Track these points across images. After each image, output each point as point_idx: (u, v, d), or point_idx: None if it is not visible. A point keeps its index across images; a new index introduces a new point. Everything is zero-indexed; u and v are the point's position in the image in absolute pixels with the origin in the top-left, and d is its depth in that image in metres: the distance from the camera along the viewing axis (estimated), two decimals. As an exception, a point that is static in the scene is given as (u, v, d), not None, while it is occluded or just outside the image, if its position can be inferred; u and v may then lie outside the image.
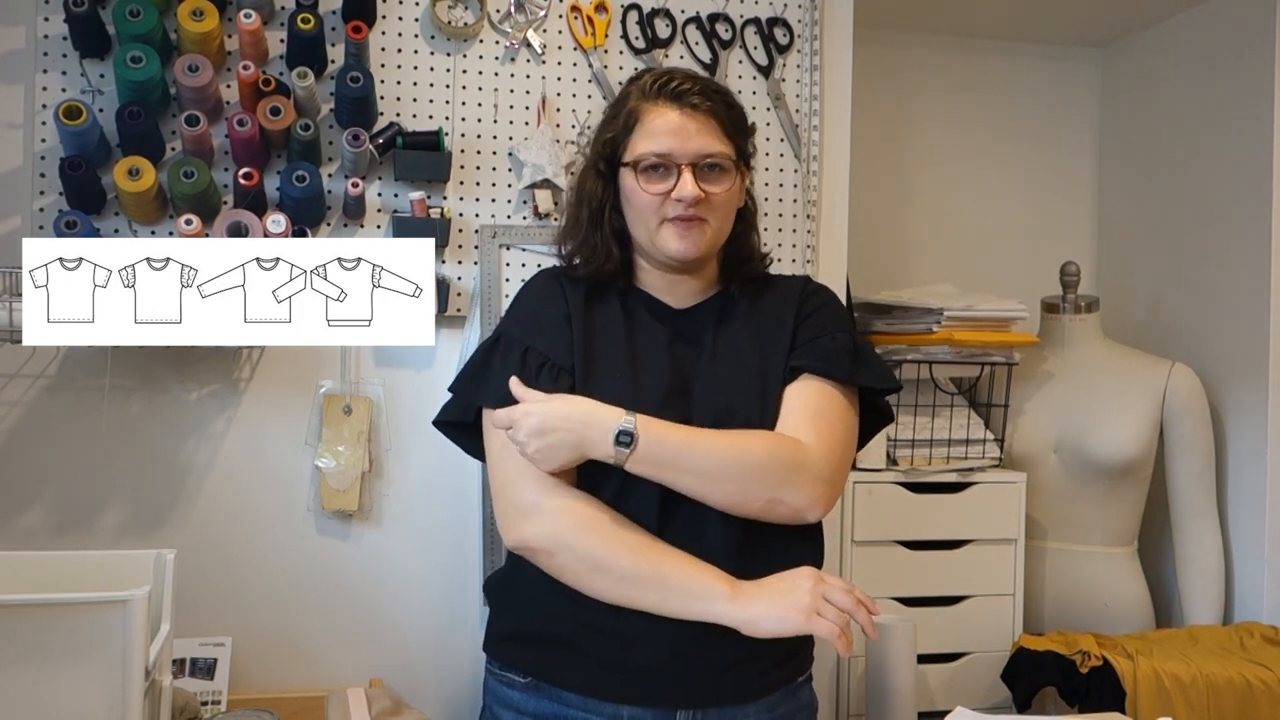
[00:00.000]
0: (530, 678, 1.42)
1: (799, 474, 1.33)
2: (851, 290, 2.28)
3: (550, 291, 1.47)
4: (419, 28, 1.98)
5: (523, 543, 1.35)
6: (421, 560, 1.99)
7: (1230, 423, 2.43)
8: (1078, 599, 2.38)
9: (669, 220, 1.40)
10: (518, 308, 1.50)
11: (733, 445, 1.33)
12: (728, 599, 1.29)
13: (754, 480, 1.32)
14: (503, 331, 1.45)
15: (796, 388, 1.41)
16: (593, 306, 1.45)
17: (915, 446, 2.26)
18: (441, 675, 1.99)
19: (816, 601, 1.27)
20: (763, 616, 1.28)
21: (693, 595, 1.30)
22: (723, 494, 1.32)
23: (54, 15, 1.82)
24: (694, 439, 1.33)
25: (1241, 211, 2.40)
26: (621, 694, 1.37)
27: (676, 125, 1.39)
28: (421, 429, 1.97)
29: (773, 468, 1.32)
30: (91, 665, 1.18)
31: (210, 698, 1.81)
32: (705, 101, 1.40)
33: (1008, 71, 2.86)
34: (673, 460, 1.31)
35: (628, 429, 1.30)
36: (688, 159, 1.38)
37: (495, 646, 1.49)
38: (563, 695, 1.39)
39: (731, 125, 1.42)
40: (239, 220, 1.81)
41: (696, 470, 1.32)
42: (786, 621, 1.27)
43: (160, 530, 1.88)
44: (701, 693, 1.37)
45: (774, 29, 2.13)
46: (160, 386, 1.89)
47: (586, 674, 1.38)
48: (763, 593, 1.30)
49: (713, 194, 1.39)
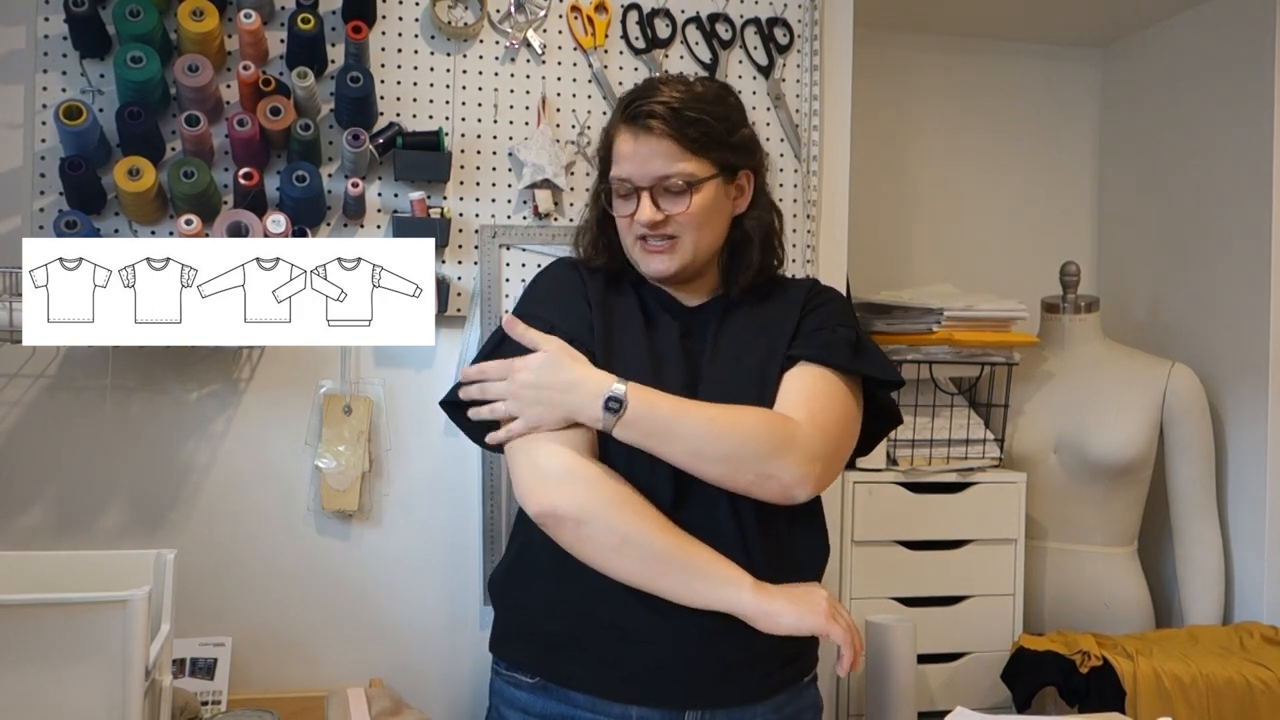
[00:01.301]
0: (538, 678, 1.42)
1: (789, 449, 1.32)
2: (851, 290, 2.28)
3: (569, 277, 1.48)
4: (419, 28, 1.98)
5: (553, 509, 1.31)
6: (421, 560, 1.99)
7: (1230, 423, 2.43)
8: (1078, 599, 2.38)
9: (638, 241, 1.42)
10: (537, 290, 1.49)
11: (722, 417, 1.33)
12: (752, 590, 1.31)
13: (744, 453, 1.31)
14: (522, 313, 1.43)
15: (793, 373, 1.42)
16: (610, 295, 1.46)
17: (915, 446, 2.26)
18: (441, 675, 1.99)
19: (833, 608, 1.34)
20: (783, 611, 1.31)
21: (719, 581, 1.30)
22: (711, 465, 1.32)
23: (54, 15, 1.82)
24: (684, 408, 1.32)
25: (1241, 212, 2.40)
26: (627, 693, 1.36)
27: (631, 151, 1.40)
28: (422, 429, 1.98)
29: (763, 441, 1.32)
30: (91, 665, 1.18)
31: (210, 698, 1.81)
32: (662, 124, 1.37)
33: (1008, 71, 2.86)
34: (662, 428, 1.31)
35: (617, 395, 1.29)
36: (646, 182, 1.39)
37: (500, 646, 1.48)
38: (570, 695, 1.39)
39: (696, 141, 1.39)
40: (239, 220, 1.81)
41: (685, 439, 1.31)
42: (805, 619, 1.31)
43: (160, 530, 1.88)
44: (708, 693, 1.37)
45: (774, 29, 2.13)
46: (160, 386, 1.89)
47: (592, 673, 1.37)
48: (782, 592, 1.33)
49: (674, 215, 1.39)
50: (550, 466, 1.33)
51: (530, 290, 1.50)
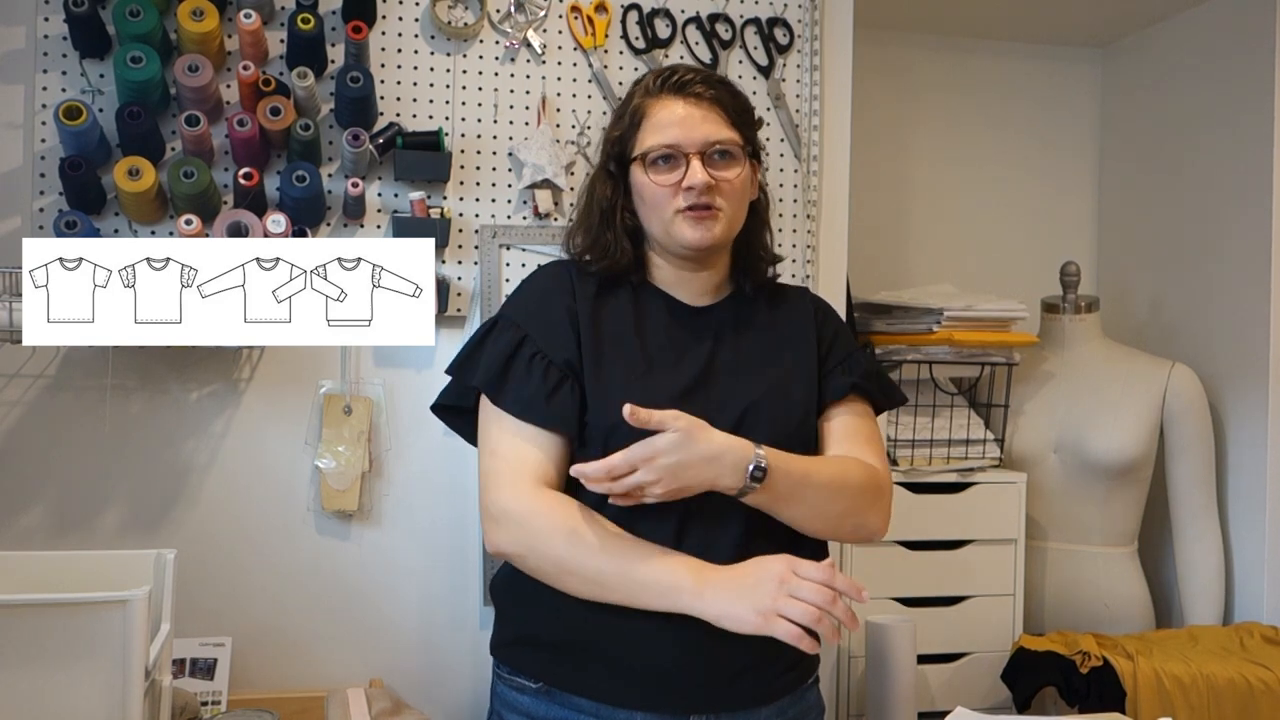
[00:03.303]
0: (541, 683, 1.41)
1: (881, 498, 1.42)
2: (851, 290, 2.28)
3: (558, 284, 1.45)
4: (419, 28, 1.98)
5: (496, 549, 1.36)
6: (421, 560, 1.99)
7: (1230, 423, 2.43)
8: (1078, 599, 2.38)
9: (681, 211, 1.40)
10: (524, 295, 1.47)
11: (838, 477, 1.38)
12: (692, 593, 1.26)
13: (852, 509, 1.38)
14: (501, 315, 1.44)
15: (851, 411, 1.47)
16: (604, 301, 1.44)
17: (915, 446, 2.26)
18: (441, 675, 1.99)
19: (779, 600, 1.21)
20: (723, 615, 1.25)
21: (659, 590, 1.28)
22: (821, 520, 1.37)
23: (54, 15, 1.82)
24: (810, 471, 1.35)
25: (1241, 211, 2.40)
26: (632, 699, 1.36)
27: (681, 116, 1.40)
28: (422, 429, 1.98)
29: (866, 496, 1.39)
30: (91, 665, 1.18)
31: (210, 698, 1.81)
32: (709, 90, 1.41)
33: (1008, 71, 2.86)
34: (792, 492, 1.33)
35: (762, 464, 1.28)
36: (695, 148, 1.39)
37: (504, 650, 1.47)
38: (574, 701, 1.38)
39: (737, 114, 1.43)
40: (239, 220, 1.81)
41: (807, 502, 1.34)
42: (743, 623, 1.23)
43: (160, 530, 1.88)
44: (713, 697, 1.37)
45: (774, 29, 2.13)
46: (160, 386, 1.89)
47: (596, 679, 1.37)
48: (726, 587, 1.26)
49: (723, 180, 1.40)
50: (494, 506, 1.35)
51: (516, 294, 1.48)
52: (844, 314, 2.19)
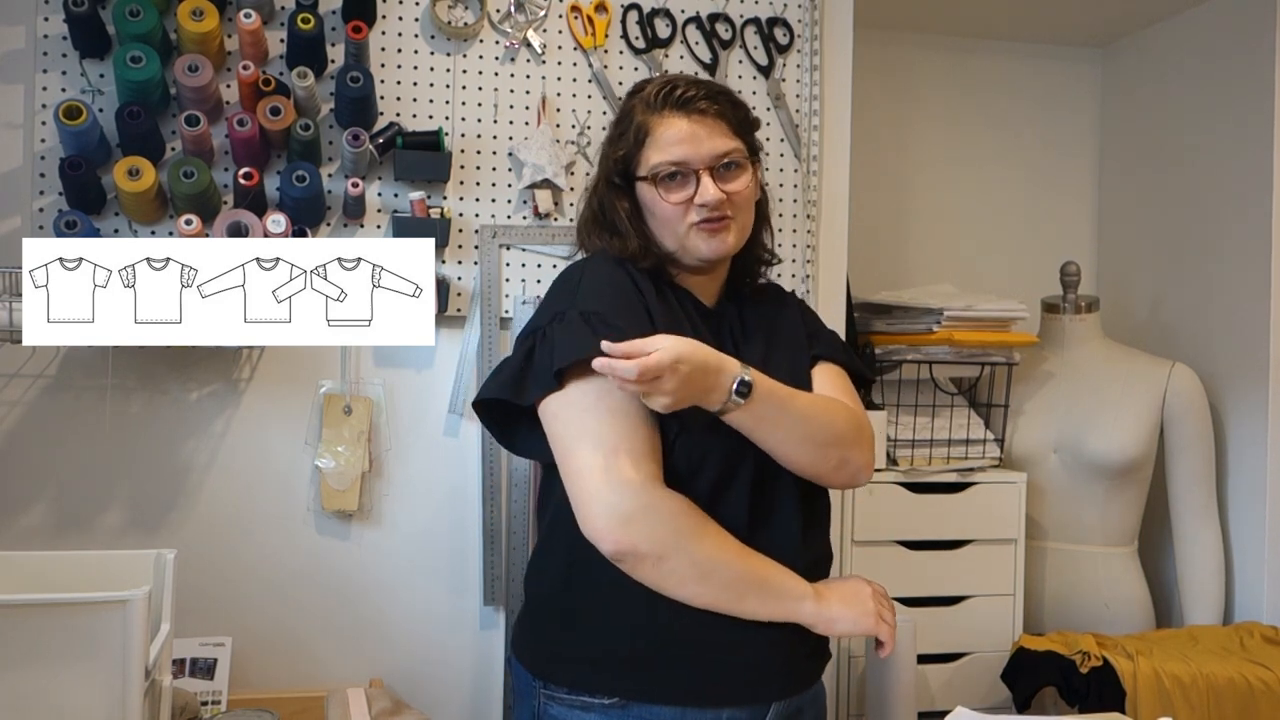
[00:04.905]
0: (616, 698, 1.36)
1: (863, 437, 1.43)
2: (851, 290, 2.28)
3: (623, 280, 1.41)
4: (419, 28, 1.98)
5: (632, 548, 1.28)
6: (421, 560, 1.99)
7: (1230, 423, 2.43)
8: (1078, 599, 2.38)
9: (695, 225, 1.40)
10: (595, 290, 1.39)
11: (819, 403, 1.40)
12: (814, 599, 1.37)
13: (835, 439, 1.39)
14: (585, 314, 1.34)
15: (825, 372, 1.50)
16: (660, 294, 1.43)
17: (915, 446, 2.26)
18: (441, 675, 1.99)
19: (879, 604, 1.41)
20: (839, 617, 1.37)
21: (790, 597, 1.35)
22: (805, 451, 1.37)
23: (54, 15, 1.82)
24: (793, 394, 1.37)
25: (1241, 211, 2.40)
26: (723, 698, 1.36)
27: (687, 133, 1.40)
28: (422, 429, 1.98)
29: (849, 428, 1.41)
30: (91, 665, 1.18)
31: (210, 698, 1.81)
32: (712, 105, 1.41)
33: (1008, 71, 2.86)
34: (774, 415, 1.34)
35: (747, 379, 1.30)
36: (704, 163, 1.39)
37: (558, 671, 1.40)
38: (655, 710, 1.35)
39: (739, 123, 1.44)
40: (239, 220, 1.81)
41: (790, 427, 1.35)
42: (860, 623, 1.38)
43: (160, 530, 1.88)
44: (789, 683, 1.41)
45: (774, 29, 2.13)
46: (160, 386, 1.89)
47: (689, 685, 1.35)
48: (835, 595, 1.39)
49: (733, 193, 1.40)
50: (626, 506, 1.28)
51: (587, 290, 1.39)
52: (844, 314, 2.20)
